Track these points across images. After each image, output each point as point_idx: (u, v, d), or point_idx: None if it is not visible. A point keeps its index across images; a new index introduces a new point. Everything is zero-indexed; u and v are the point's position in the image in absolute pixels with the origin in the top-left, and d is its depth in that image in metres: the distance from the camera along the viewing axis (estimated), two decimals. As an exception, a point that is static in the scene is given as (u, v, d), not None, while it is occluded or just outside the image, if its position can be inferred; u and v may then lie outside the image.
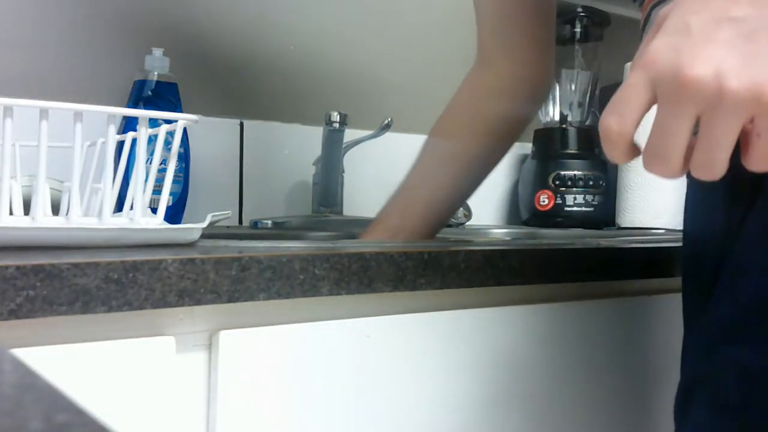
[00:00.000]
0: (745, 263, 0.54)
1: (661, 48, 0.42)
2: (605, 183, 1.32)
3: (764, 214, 0.54)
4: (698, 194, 0.61)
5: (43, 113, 0.56)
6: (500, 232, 1.20)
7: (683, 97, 0.41)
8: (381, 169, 1.24)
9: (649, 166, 0.43)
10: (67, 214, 0.60)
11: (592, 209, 1.31)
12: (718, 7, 0.42)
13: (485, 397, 0.68)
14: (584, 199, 1.30)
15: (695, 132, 0.42)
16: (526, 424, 0.71)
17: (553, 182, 1.30)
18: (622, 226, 1.32)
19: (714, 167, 0.42)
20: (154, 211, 0.65)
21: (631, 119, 0.43)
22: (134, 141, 0.64)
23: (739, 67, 0.40)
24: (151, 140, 0.81)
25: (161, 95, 0.99)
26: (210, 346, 0.57)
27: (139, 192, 0.62)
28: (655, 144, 0.43)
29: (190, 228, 0.65)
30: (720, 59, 0.40)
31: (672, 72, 0.41)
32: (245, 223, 1.12)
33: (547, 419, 0.73)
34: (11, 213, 0.62)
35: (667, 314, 0.81)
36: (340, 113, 1.08)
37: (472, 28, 1.02)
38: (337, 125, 1.09)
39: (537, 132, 1.38)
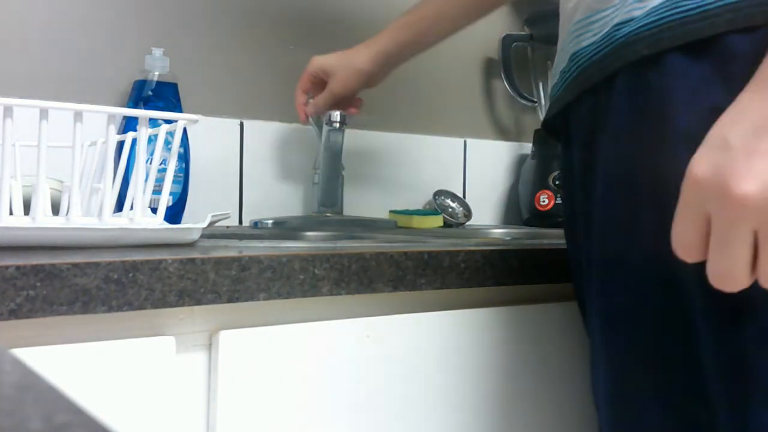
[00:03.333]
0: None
1: (701, 166, 0.41)
2: (605, 183, 1.32)
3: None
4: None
5: (43, 113, 0.56)
6: (500, 232, 1.20)
7: (734, 219, 0.39)
8: (381, 169, 1.24)
9: (715, 283, 0.42)
10: (67, 214, 0.60)
11: (592, 209, 1.31)
12: (756, 117, 0.40)
13: (485, 397, 0.68)
14: (584, 199, 1.30)
15: None
16: (526, 422, 0.71)
17: (553, 182, 1.30)
18: (622, 226, 1.31)
19: None
20: (154, 211, 0.65)
21: (696, 240, 0.42)
22: (134, 141, 0.64)
23: None
24: (151, 140, 0.81)
25: (161, 95, 0.99)
26: (210, 346, 0.57)
27: (139, 192, 0.62)
28: (716, 264, 0.41)
29: (190, 228, 0.65)
30: (764, 171, 0.39)
31: (717, 193, 0.40)
32: (245, 223, 1.12)
33: (547, 418, 0.73)
34: (11, 213, 0.62)
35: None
36: (340, 113, 1.08)
37: (472, 29, 1.02)
38: (337, 125, 1.08)
39: (537, 132, 1.38)
